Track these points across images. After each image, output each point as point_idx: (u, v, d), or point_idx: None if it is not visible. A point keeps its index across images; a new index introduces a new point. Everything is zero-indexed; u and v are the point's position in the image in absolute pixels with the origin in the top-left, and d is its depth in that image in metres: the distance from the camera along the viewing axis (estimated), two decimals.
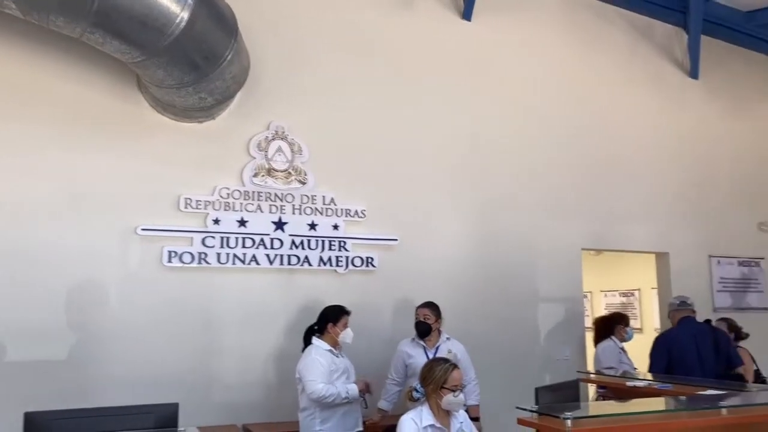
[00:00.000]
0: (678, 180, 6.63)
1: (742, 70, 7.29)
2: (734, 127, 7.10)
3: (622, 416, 3.00)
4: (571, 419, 2.70)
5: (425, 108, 5.40)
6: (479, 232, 5.49)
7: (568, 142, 6.06)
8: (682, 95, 6.84)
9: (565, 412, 2.72)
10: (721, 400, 3.43)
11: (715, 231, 6.76)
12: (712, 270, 6.69)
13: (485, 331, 5.27)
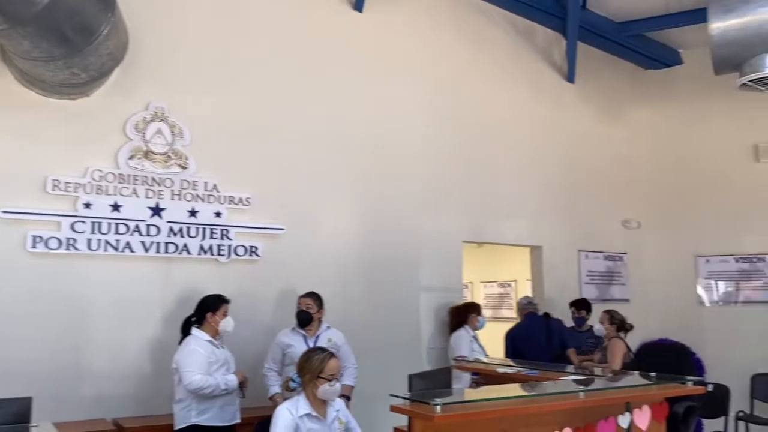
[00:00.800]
0: (553, 178, 7.01)
1: (614, 77, 7.81)
2: (605, 131, 7.60)
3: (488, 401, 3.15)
4: (441, 405, 2.80)
5: (314, 95, 5.37)
6: (366, 222, 5.55)
7: (454, 137, 6.25)
8: (559, 98, 7.24)
9: (435, 399, 2.82)
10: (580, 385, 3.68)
11: (585, 227, 7.23)
12: (580, 263, 7.15)
13: (369, 321, 5.36)
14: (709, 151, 7.49)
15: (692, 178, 7.53)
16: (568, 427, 3.35)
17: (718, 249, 7.37)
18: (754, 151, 7.27)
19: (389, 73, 5.89)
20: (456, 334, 5.68)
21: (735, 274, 7.30)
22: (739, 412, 6.42)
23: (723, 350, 7.10)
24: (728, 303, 7.37)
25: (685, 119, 7.66)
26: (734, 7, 5.48)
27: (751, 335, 7.08)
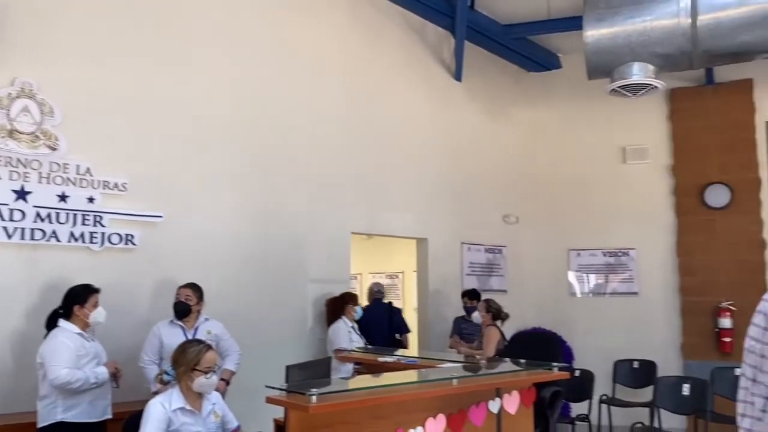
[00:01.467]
0: (439, 172, 7.21)
1: (499, 78, 8.13)
2: (489, 129, 7.91)
3: (364, 390, 3.21)
4: (317, 395, 2.81)
5: (198, 75, 5.18)
6: (252, 212, 5.45)
7: (345, 129, 6.26)
8: (448, 95, 7.44)
9: (311, 389, 2.83)
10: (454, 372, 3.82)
11: (468, 220, 7.49)
12: (463, 255, 7.41)
13: (253, 312, 5.28)
14: (582, 151, 7.98)
15: (567, 176, 8.00)
16: (442, 413, 3.48)
17: (589, 243, 7.89)
18: (622, 153, 7.83)
19: (280, 61, 5.80)
20: (334, 327, 5.65)
21: (603, 267, 7.84)
22: (602, 396, 6.91)
23: (591, 338, 7.62)
24: (597, 294, 7.90)
25: (562, 121, 8.11)
26: (606, 17, 5.86)
27: (616, 324, 7.64)
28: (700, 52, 5.72)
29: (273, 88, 5.71)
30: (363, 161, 6.39)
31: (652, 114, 7.68)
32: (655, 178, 7.67)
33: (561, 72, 8.17)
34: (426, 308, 7.07)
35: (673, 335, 7.38)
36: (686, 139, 7.51)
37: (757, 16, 5.46)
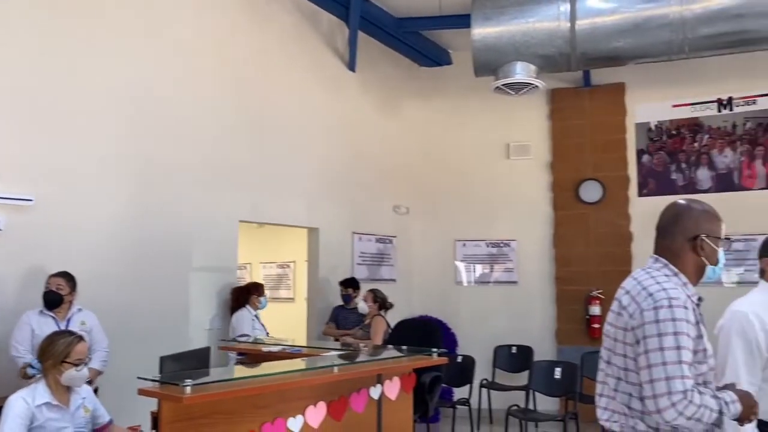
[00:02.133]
0: (331, 162, 7.22)
1: (392, 71, 8.24)
2: (382, 120, 8.01)
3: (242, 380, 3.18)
4: (191, 386, 2.75)
5: (77, 56, 4.89)
6: (132, 197, 5.21)
7: (234, 115, 6.12)
8: (341, 85, 7.46)
9: (186, 380, 2.77)
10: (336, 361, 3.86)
11: (359, 210, 7.56)
12: (354, 245, 7.48)
13: (132, 302, 5.05)
14: (469, 146, 8.26)
15: (454, 169, 8.26)
16: (323, 400, 3.51)
17: (474, 234, 8.19)
18: (506, 149, 8.18)
19: (163, 45, 5.56)
20: (238, 314, 5.66)
21: (486, 257, 8.17)
22: (483, 380, 7.22)
23: (475, 325, 7.93)
24: (481, 283, 8.22)
25: (452, 116, 8.35)
26: (493, 17, 6.09)
27: (497, 312, 7.99)
28: (578, 54, 6.08)
29: (156, 71, 5.47)
30: (251, 149, 6.27)
31: (534, 112, 8.07)
32: (535, 174, 8.07)
33: (452, 68, 8.40)
34: (316, 298, 7.07)
35: (548, 322, 7.82)
36: (564, 137, 7.95)
37: (628, 24, 5.87)
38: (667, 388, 1.97)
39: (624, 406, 2.14)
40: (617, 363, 2.18)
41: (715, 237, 2.21)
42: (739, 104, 7.30)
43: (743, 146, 7.24)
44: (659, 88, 7.59)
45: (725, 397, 2.04)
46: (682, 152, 7.53)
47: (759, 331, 2.52)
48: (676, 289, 2.11)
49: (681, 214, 2.25)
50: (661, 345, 2.01)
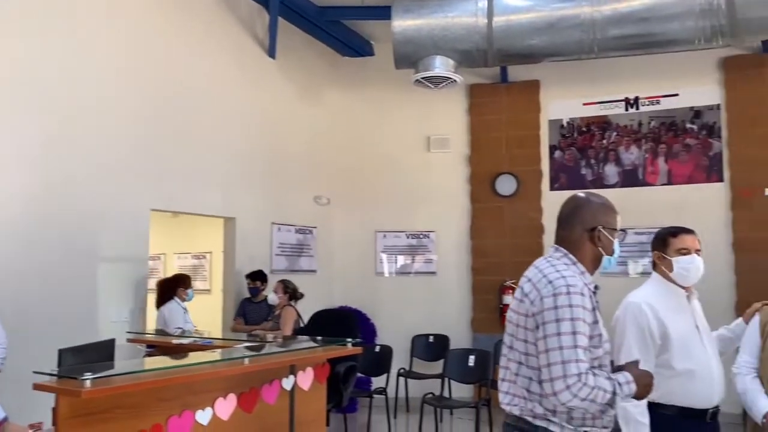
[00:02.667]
0: (250, 150, 7.08)
1: (314, 59, 8.17)
2: (303, 109, 7.92)
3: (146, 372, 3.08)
4: (91, 380, 2.64)
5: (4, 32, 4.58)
6: (34, 183, 4.92)
7: (147, 100, 5.89)
8: (261, 72, 7.32)
9: (85, 373, 2.65)
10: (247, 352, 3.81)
11: (279, 200, 7.47)
12: (273, 236, 7.38)
13: (37, 294, 4.78)
14: (391, 138, 8.31)
15: (376, 161, 8.29)
16: (233, 392, 3.45)
17: (394, 226, 8.26)
18: (427, 142, 8.28)
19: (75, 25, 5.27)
20: (170, 307, 5.59)
21: (406, 248, 8.26)
22: (400, 369, 7.31)
23: (394, 316, 8.01)
24: (401, 274, 8.30)
25: (374, 107, 8.37)
26: (413, 9, 6.14)
27: (416, 302, 8.10)
28: (494, 50, 6.22)
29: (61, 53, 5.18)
30: (164, 136, 6.06)
31: (454, 106, 8.20)
32: (454, 167, 8.21)
33: (374, 59, 8.40)
34: (232, 290, 6.93)
35: (465, 311, 7.99)
36: (482, 131, 8.12)
37: (542, 22, 6.06)
38: (562, 372, 2.05)
39: (524, 390, 2.20)
40: (519, 348, 2.25)
41: (611, 229, 2.32)
42: (644, 104, 7.68)
43: (647, 144, 7.63)
44: (571, 86, 7.87)
45: (619, 378, 2.15)
46: (591, 148, 7.85)
47: (652, 320, 2.66)
48: (575, 276, 2.20)
49: (580, 207, 2.34)
50: (559, 330, 2.09)
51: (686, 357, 2.65)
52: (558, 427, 2.15)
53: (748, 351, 2.79)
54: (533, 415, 2.18)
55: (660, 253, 2.80)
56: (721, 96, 7.28)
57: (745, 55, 7.12)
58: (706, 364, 2.67)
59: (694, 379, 2.64)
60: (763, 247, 6.57)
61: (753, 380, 2.73)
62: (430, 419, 6.22)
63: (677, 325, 2.68)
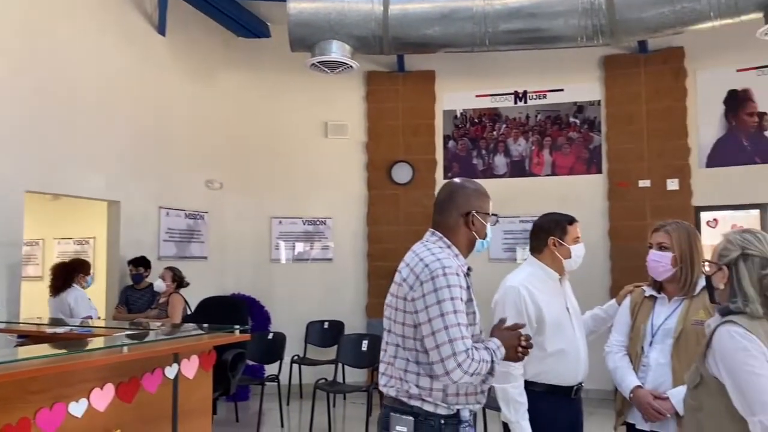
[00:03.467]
0: (137, 131, 6.77)
1: (207, 38, 7.89)
2: (195, 90, 7.65)
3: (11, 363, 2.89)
4: None
5: None
6: None
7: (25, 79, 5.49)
8: (149, 50, 6.99)
9: None
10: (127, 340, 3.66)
11: (168, 183, 7.19)
12: (161, 221, 7.10)
13: None
14: (287, 122, 8.19)
15: (272, 145, 8.15)
16: (111, 382, 3.30)
17: (290, 212, 8.17)
18: (324, 128, 8.23)
19: None
20: (74, 295, 5.45)
21: (302, 235, 8.20)
22: (294, 356, 7.28)
23: (290, 303, 7.94)
24: (298, 261, 8.24)
25: (270, 90, 8.21)
26: None
27: (312, 289, 8.07)
28: (390, 38, 6.27)
29: None
30: (41, 113, 5.67)
31: (351, 93, 8.20)
32: (351, 154, 8.22)
33: (270, 41, 8.23)
34: (117, 277, 6.62)
35: (360, 297, 8.06)
36: (379, 119, 8.19)
37: (436, 13, 6.16)
38: (452, 350, 2.11)
39: (401, 371, 2.25)
40: (396, 331, 2.30)
41: (484, 213, 2.40)
42: (532, 98, 8.02)
43: (534, 136, 7.98)
44: (465, 78, 8.08)
45: (492, 346, 2.25)
46: (482, 139, 8.12)
47: (529, 304, 2.78)
48: (449, 258, 2.27)
49: (455, 192, 2.42)
50: (442, 311, 2.15)
51: (558, 338, 2.80)
52: (432, 406, 2.21)
53: (619, 330, 2.96)
54: (408, 396, 2.23)
55: (557, 239, 2.89)
56: (602, 93, 7.73)
57: (623, 55, 7.59)
58: (574, 345, 2.84)
59: (564, 358, 2.80)
60: (635, 235, 7.04)
61: (622, 358, 2.88)
62: (322, 405, 6.24)
63: (551, 308, 2.82)
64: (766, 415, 1.94)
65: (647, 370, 2.75)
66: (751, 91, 7.10)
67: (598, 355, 3.03)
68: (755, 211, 7.13)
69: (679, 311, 2.73)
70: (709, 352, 2.12)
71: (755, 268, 2.10)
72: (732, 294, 2.13)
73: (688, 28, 5.84)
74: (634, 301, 2.93)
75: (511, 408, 2.68)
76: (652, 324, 2.79)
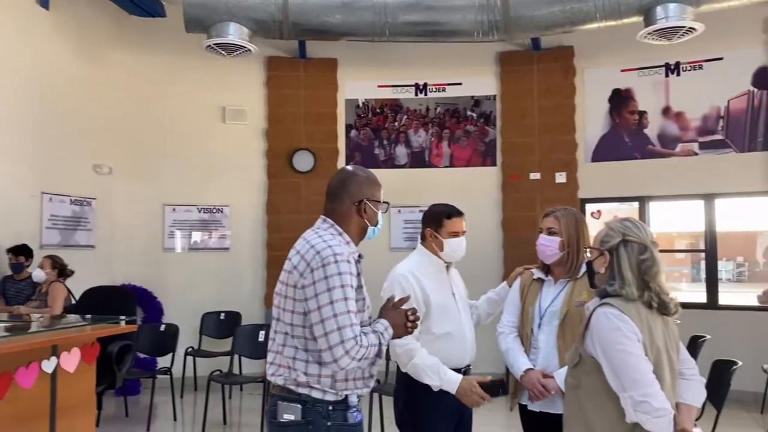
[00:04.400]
0: (16, 110, 6.30)
1: (95, 15, 7.43)
2: (82, 70, 7.20)
3: None
4: None
5: None
6: None
7: None
8: (30, 24, 6.51)
9: None
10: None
11: (51, 168, 6.74)
12: (43, 207, 6.66)
13: None
14: (183, 106, 7.88)
15: (166, 129, 7.82)
16: None
17: (185, 199, 7.89)
18: (222, 113, 8.00)
19: None
20: None
21: (197, 223, 7.95)
22: (188, 348, 7.06)
23: (185, 293, 7.68)
24: (193, 250, 7.98)
25: (164, 72, 7.86)
26: None
27: (208, 279, 7.85)
28: (290, 24, 6.19)
29: None
30: None
31: (251, 78, 8.01)
32: (251, 140, 8.04)
33: (165, 21, 7.85)
34: None
35: (258, 287, 7.92)
36: (280, 106, 8.05)
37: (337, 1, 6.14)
38: (340, 338, 2.12)
39: (289, 359, 2.23)
40: (285, 319, 2.28)
41: (375, 201, 2.42)
42: (432, 90, 8.16)
43: (434, 128, 8.13)
44: (368, 67, 8.09)
45: (379, 328, 2.27)
46: (384, 129, 8.18)
47: (417, 290, 2.85)
48: (340, 246, 2.27)
49: (347, 180, 2.42)
50: (331, 299, 2.15)
51: (445, 322, 2.89)
52: (320, 392, 2.21)
53: (510, 311, 3.07)
54: (296, 384, 2.22)
55: (433, 231, 2.98)
56: (497, 88, 7.99)
57: (518, 51, 7.87)
58: (460, 328, 2.94)
59: (451, 341, 2.89)
60: (526, 225, 7.33)
61: (514, 340, 2.98)
62: (218, 397, 6.10)
63: (437, 293, 2.91)
64: (635, 391, 2.08)
65: (538, 352, 2.88)
66: (632, 91, 7.57)
67: (491, 338, 3.12)
68: (635, 203, 7.64)
69: (564, 293, 2.87)
70: (588, 332, 2.25)
71: (634, 253, 2.25)
72: (611, 278, 2.27)
73: (576, 28, 6.14)
74: (523, 283, 3.05)
75: (429, 374, 2.73)
76: (539, 306, 2.91)
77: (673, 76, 7.36)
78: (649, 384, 2.09)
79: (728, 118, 7.09)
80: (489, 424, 4.70)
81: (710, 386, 4.07)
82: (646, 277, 2.22)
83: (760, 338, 6.61)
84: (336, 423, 2.22)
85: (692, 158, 7.28)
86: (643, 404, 2.07)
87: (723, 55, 7.08)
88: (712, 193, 7.14)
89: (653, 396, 2.08)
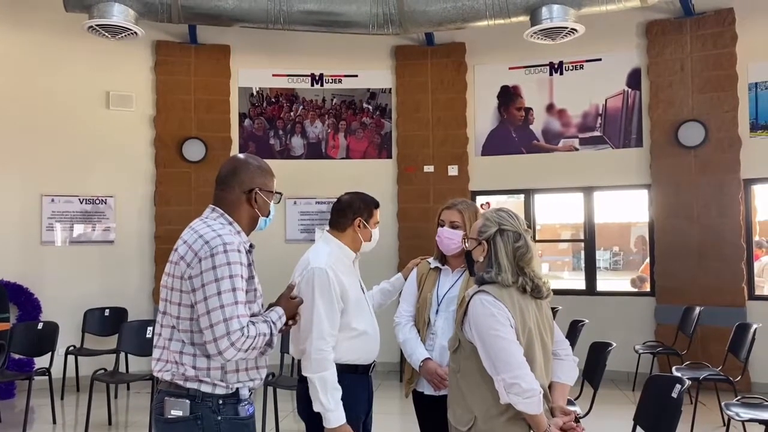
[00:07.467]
0: None
1: None
2: None
3: None
4: None
5: None
6: None
7: None
8: None
9: None
10: None
11: None
12: None
13: None
14: (63, 90, 7.37)
15: (43, 114, 7.28)
16: None
17: (65, 190, 7.41)
18: (106, 98, 7.56)
19: None
20: None
21: (79, 215, 7.49)
22: (69, 347, 6.66)
23: (65, 289, 7.21)
24: (74, 243, 7.51)
25: (41, 53, 7.30)
26: None
27: (91, 273, 7.43)
28: (179, 6, 5.96)
29: None
30: None
31: (137, 62, 7.63)
32: (138, 128, 7.67)
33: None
34: None
35: (146, 282, 7.60)
36: (169, 92, 7.72)
37: None
38: (226, 330, 2.07)
39: (176, 354, 2.16)
40: (172, 312, 2.20)
41: (268, 191, 2.38)
42: (328, 81, 8.14)
43: (330, 120, 8.12)
44: (262, 56, 7.95)
45: (273, 317, 2.25)
46: (279, 119, 8.07)
47: (336, 285, 2.68)
48: (231, 235, 2.21)
49: (238, 168, 2.37)
50: (219, 290, 2.10)
51: (360, 317, 2.78)
52: (210, 386, 2.15)
53: (408, 300, 3.11)
54: (185, 379, 2.15)
55: (363, 221, 2.84)
56: (392, 81, 8.08)
57: (412, 46, 8.00)
58: (373, 323, 2.86)
59: (366, 336, 2.80)
60: (420, 216, 7.51)
61: (411, 329, 3.03)
62: (102, 397, 5.81)
63: (352, 288, 2.78)
64: (507, 373, 2.20)
65: (435, 338, 2.95)
66: (519, 88, 7.90)
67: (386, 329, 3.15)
68: (521, 195, 8.00)
69: (461, 281, 2.98)
70: (466, 319, 2.34)
71: (510, 242, 2.36)
72: (488, 265, 2.37)
73: (467, 25, 6.32)
74: (420, 272, 3.12)
75: (329, 395, 2.56)
76: (437, 293, 3.00)
77: (556, 74, 7.75)
78: (519, 366, 2.21)
79: (606, 116, 7.57)
80: (384, 412, 4.77)
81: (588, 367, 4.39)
82: (521, 263, 2.35)
83: (632, 321, 7.15)
84: (227, 417, 2.17)
85: (573, 153, 7.71)
86: (514, 386, 2.18)
87: (602, 56, 7.54)
88: (591, 186, 7.61)
89: (523, 378, 2.19)
